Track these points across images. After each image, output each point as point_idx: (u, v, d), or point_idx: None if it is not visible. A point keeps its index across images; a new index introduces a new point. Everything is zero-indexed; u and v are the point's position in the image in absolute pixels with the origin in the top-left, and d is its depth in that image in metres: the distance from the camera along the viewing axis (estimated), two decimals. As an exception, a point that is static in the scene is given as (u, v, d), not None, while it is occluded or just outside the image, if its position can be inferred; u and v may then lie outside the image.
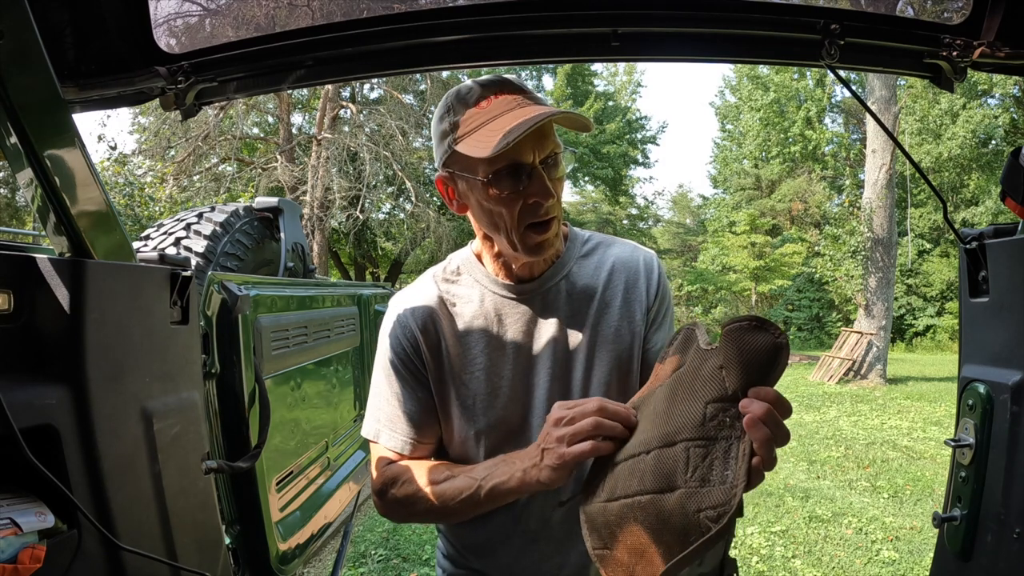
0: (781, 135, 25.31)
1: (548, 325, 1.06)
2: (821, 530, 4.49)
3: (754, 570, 3.86)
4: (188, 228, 2.92)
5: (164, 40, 1.15)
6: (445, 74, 15.49)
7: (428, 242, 18.07)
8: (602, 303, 1.07)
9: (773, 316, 23.30)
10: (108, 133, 27.78)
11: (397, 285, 13.49)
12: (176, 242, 2.86)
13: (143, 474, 1.08)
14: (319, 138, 15.65)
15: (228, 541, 1.74)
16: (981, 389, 1.00)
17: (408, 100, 17.30)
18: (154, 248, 2.81)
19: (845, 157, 24.44)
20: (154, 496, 1.10)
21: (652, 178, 69.10)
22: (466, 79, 1.45)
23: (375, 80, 16.23)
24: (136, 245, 2.43)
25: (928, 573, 1.17)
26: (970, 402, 1.02)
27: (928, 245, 22.29)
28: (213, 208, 3.10)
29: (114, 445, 1.01)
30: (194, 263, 2.74)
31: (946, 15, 1.11)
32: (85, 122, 19.71)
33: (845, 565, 3.89)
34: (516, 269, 1.07)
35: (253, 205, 3.21)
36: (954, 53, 1.01)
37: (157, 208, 11.46)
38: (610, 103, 26.29)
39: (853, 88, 1.39)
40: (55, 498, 0.89)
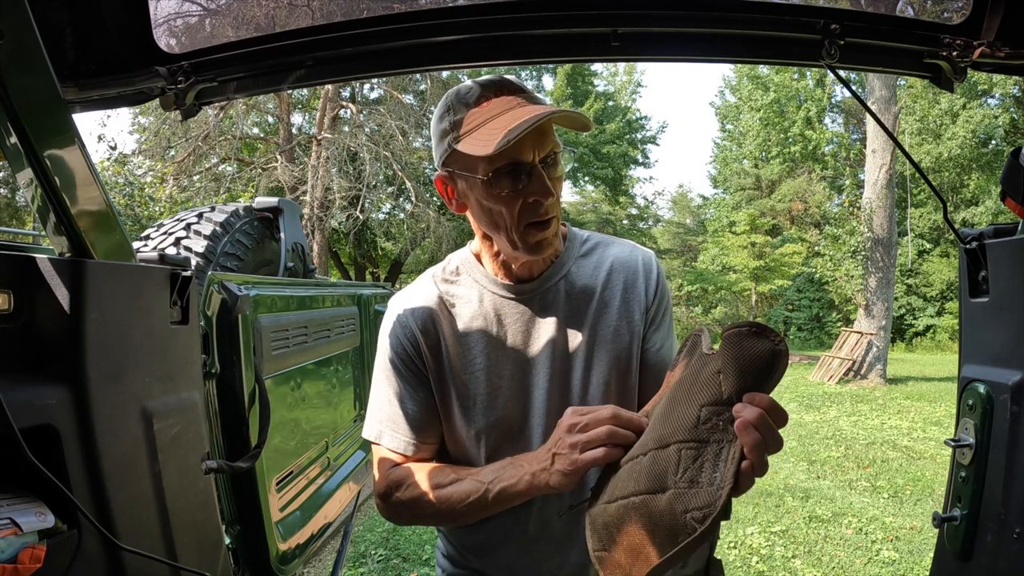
0: (781, 135, 25.31)
1: (547, 325, 1.06)
2: (821, 530, 4.49)
3: (754, 570, 3.86)
4: (188, 228, 2.93)
5: (164, 40, 1.15)
6: (445, 74, 15.48)
7: (428, 242, 18.07)
8: (601, 303, 1.07)
9: (773, 316, 23.33)
10: (108, 133, 27.82)
11: (397, 285, 13.49)
12: (176, 242, 2.86)
13: (143, 474, 1.08)
14: (319, 138, 15.64)
15: (228, 541, 1.74)
16: (981, 389, 1.00)
17: (408, 100, 17.30)
18: (154, 248, 2.81)
19: (845, 157, 24.44)
20: (154, 496, 1.10)
21: (652, 178, 69.15)
22: (466, 79, 1.45)
23: (375, 80, 16.23)
24: (136, 245, 2.44)
25: (928, 573, 1.17)
26: (970, 402, 1.02)
27: (928, 245, 22.29)
28: (213, 208, 3.10)
29: (114, 445, 1.01)
30: (194, 263, 2.74)
31: (946, 15, 1.11)
32: (85, 122, 19.71)
33: (845, 565, 3.89)
34: (515, 269, 1.07)
35: (253, 205, 3.21)
36: (954, 53, 1.01)
37: (157, 208, 11.47)
38: (610, 103, 26.28)
39: (853, 88, 1.39)
40: (55, 498, 0.89)
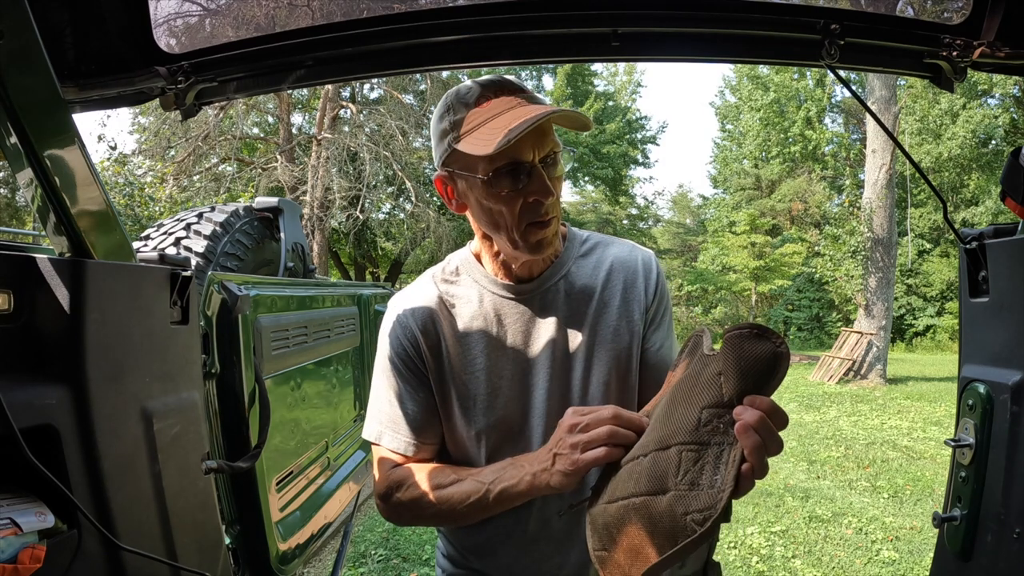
0: (781, 135, 25.31)
1: (547, 325, 1.06)
2: (821, 530, 4.49)
3: (754, 570, 3.86)
4: (188, 228, 2.92)
5: (164, 40, 1.15)
6: (445, 74, 15.48)
7: (428, 242, 18.06)
8: (601, 303, 1.07)
9: (773, 316, 23.33)
10: (108, 133, 27.82)
11: (397, 285, 13.50)
12: (176, 242, 2.86)
13: (143, 474, 1.08)
14: (319, 138, 15.64)
15: (228, 541, 1.74)
16: (981, 389, 1.00)
17: (408, 100, 17.29)
18: (154, 248, 2.81)
19: (845, 157, 24.44)
20: (154, 496, 1.10)
21: (652, 178, 69.15)
22: (466, 79, 1.45)
23: (375, 80, 16.23)
24: (136, 245, 2.44)
25: (928, 573, 1.17)
26: (970, 402, 1.02)
27: (928, 245, 22.29)
28: (213, 208, 3.10)
29: (114, 445, 1.01)
30: (194, 263, 2.74)
31: (946, 15, 1.11)
32: (85, 122, 19.71)
33: (845, 565, 3.89)
34: (515, 269, 1.07)
35: (253, 205, 3.21)
36: (954, 53, 1.01)
37: (157, 208, 11.46)
38: (610, 103, 26.27)
39: (853, 88, 1.39)
40: (55, 498, 0.89)
